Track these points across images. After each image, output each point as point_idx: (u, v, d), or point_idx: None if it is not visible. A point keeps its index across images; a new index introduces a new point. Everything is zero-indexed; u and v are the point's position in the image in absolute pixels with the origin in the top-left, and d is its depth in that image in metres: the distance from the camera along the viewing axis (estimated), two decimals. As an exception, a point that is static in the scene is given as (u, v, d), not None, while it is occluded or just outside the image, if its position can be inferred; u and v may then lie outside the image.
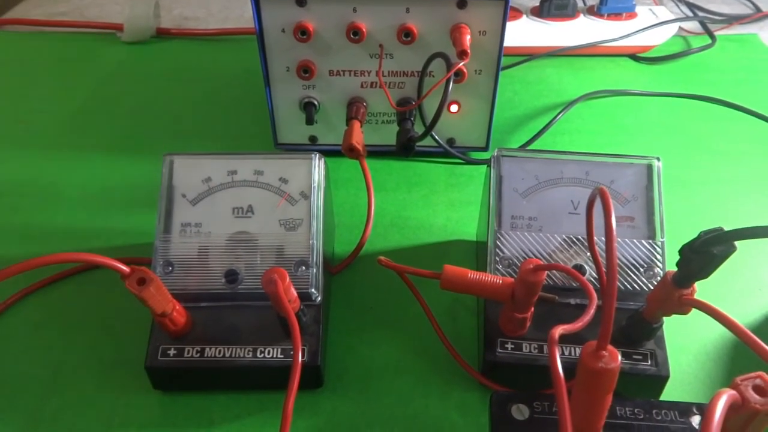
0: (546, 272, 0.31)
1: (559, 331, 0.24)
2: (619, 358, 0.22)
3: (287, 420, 0.28)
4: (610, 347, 0.22)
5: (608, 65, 0.70)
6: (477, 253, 0.46)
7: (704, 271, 0.28)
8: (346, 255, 0.46)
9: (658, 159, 0.38)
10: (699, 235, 0.28)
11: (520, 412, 0.29)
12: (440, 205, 0.51)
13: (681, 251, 0.28)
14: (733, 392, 0.20)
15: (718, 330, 0.40)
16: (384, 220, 0.50)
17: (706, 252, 0.27)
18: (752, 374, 0.22)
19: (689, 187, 0.53)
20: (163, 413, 0.35)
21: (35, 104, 0.63)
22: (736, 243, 0.27)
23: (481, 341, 0.37)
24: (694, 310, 0.30)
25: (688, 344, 0.40)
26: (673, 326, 0.36)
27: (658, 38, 0.70)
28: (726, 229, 0.27)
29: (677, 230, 0.37)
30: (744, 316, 0.41)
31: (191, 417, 0.35)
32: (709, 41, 0.72)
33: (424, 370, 0.38)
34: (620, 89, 0.65)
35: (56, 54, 0.72)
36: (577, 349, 0.35)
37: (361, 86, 0.52)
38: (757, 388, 0.21)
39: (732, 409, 0.21)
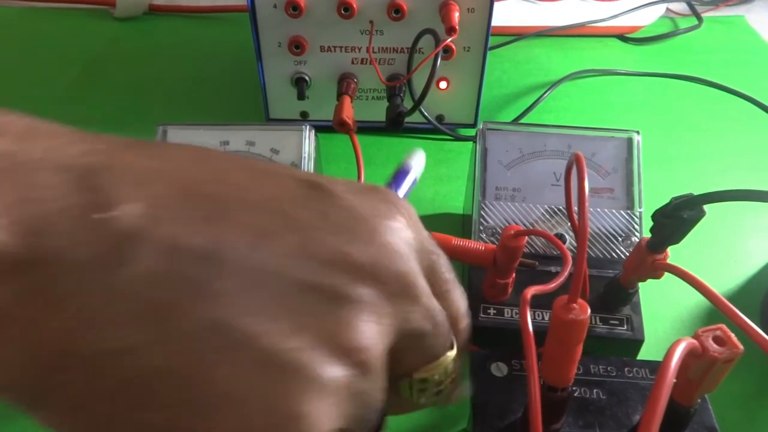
0: (526, 238, 0.33)
1: (531, 291, 0.26)
2: (588, 311, 0.23)
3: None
4: (580, 301, 0.23)
5: (596, 45, 0.71)
6: (463, 225, 0.47)
7: (676, 236, 0.29)
8: (336, 227, 0.47)
9: (638, 133, 0.40)
10: (670, 200, 0.29)
11: (499, 369, 0.31)
12: (428, 180, 0.53)
13: (653, 216, 0.29)
14: (692, 340, 0.22)
15: (693, 299, 0.42)
16: (373, 194, 0.51)
17: (677, 216, 0.28)
18: (713, 326, 0.23)
19: (672, 162, 0.54)
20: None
21: (28, 78, 0.64)
22: (705, 208, 0.28)
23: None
24: (669, 280, 0.31)
25: (663, 312, 0.41)
26: (649, 295, 0.38)
27: (646, 19, 0.71)
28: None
29: (658, 203, 0.38)
30: (718, 287, 0.43)
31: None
32: (696, 22, 0.73)
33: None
34: (607, 69, 0.66)
35: (49, 29, 0.72)
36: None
37: (352, 62, 0.53)
38: (716, 339, 0.23)
39: (693, 356, 0.23)
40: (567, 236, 0.38)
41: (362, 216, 0.19)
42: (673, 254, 0.32)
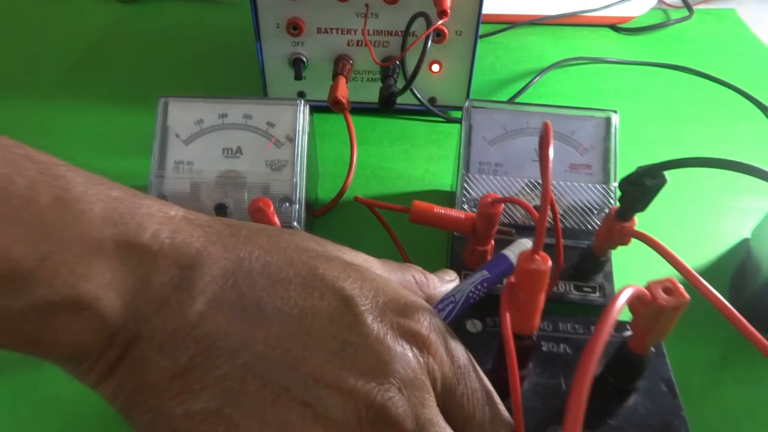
0: (502, 205, 0.35)
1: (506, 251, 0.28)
2: (549, 262, 0.25)
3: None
4: (542, 253, 0.25)
5: (589, 35, 0.73)
6: (450, 201, 0.49)
7: (641, 203, 0.31)
8: (329, 200, 0.49)
9: (615, 112, 0.42)
10: (636, 169, 0.31)
11: (474, 326, 0.33)
12: (419, 159, 0.55)
13: (620, 184, 0.31)
14: (640, 287, 0.24)
15: (665, 270, 0.44)
16: (366, 171, 0.53)
17: (641, 184, 0.30)
18: (664, 278, 0.25)
19: (656, 147, 0.56)
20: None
21: (33, 59, 0.66)
22: (667, 175, 0.30)
23: (448, 274, 0.40)
24: (641, 252, 0.33)
25: (635, 280, 0.43)
26: (622, 265, 0.40)
27: (638, 9, 0.73)
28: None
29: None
30: (691, 262, 0.45)
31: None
32: (687, 14, 0.75)
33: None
34: (597, 57, 0.68)
35: (55, 10, 0.74)
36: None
37: (348, 44, 0.55)
38: (666, 289, 0.25)
39: (643, 304, 0.25)
40: (545, 208, 0.40)
41: (378, 352, 0.21)
42: (653, 231, 0.33)
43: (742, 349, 0.39)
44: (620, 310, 0.22)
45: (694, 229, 0.48)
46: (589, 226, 0.40)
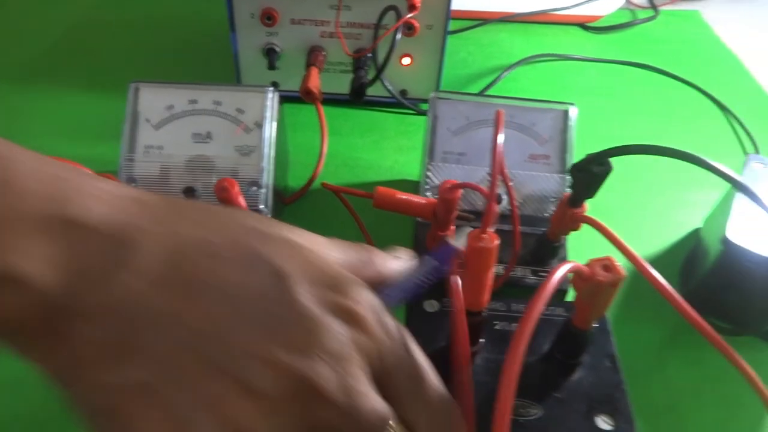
0: (461, 191, 0.36)
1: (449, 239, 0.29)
2: (496, 241, 0.26)
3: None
4: (490, 232, 0.26)
5: (558, 33, 0.75)
6: (417, 190, 0.51)
7: (589, 189, 0.33)
8: (299, 188, 0.50)
9: (573, 105, 0.43)
10: (585, 156, 0.33)
11: (431, 305, 0.34)
12: (389, 150, 0.56)
13: (569, 172, 0.33)
14: (577, 263, 0.25)
15: (619, 256, 0.46)
16: (336, 160, 0.54)
17: (588, 170, 0.32)
18: (604, 257, 0.27)
19: (618, 141, 0.57)
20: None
21: (8, 43, 0.66)
22: (630, 170, 0.32)
23: (411, 259, 0.42)
24: (597, 239, 0.34)
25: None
26: (577, 251, 0.42)
27: (606, 9, 0.75)
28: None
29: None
30: (644, 250, 0.47)
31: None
32: (653, 14, 0.77)
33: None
34: (565, 54, 0.70)
35: (30, -3, 0.74)
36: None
37: (321, 35, 0.56)
38: (604, 266, 0.27)
39: (582, 280, 0.26)
40: (503, 197, 0.42)
41: (309, 326, 0.22)
42: (612, 221, 0.35)
43: (687, 332, 0.41)
44: (557, 282, 0.23)
45: (651, 218, 0.50)
46: (546, 214, 0.42)
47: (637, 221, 0.50)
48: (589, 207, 0.36)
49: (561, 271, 0.23)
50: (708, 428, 0.37)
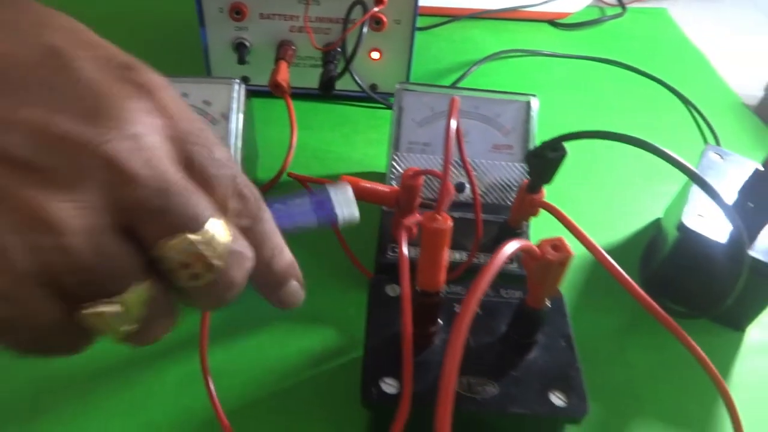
0: (423, 177, 0.37)
1: (406, 221, 0.30)
2: (450, 222, 0.27)
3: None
4: (443, 214, 0.27)
5: (528, 29, 0.76)
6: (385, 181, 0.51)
7: (545, 174, 0.34)
8: (269, 180, 0.51)
9: (535, 96, 0.44)
10: (541, 143, 0.33)
11: (393, 290, 0.35)
12: (359, 143, 0.57)
13: (525, 158, 0.34)
14: (526, 241, 0.26)
15: (583, 250, 0.47)
16: (306, 153, 0.54)
17: (543, 156, 0.33)
18: (554, 237, 0.28)
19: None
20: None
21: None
22: (567, 148, 0.33)
23: (377, 247, 0.42)
24: (558, 227, 0.35)
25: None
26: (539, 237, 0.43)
27: (575, 6, 0.77)
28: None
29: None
30: (605, 239, 0.48)
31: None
32: (621, 11, 0.79)
33: (326, 274, 0.43)
34: (534, 49, 0.71)
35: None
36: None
37: (290, 30, 0.56)
38: (554, 246, 0.27)
39: (533, 258, 0.27)
40: (466, 185, 0.43)
41: (94, 92, 0.19)
42: (576, 212, 0.35)
43: (646, 319, 0.42)
44: (505, 258, 0.24)
45: (615, 209, 0.51)
46: (509, 202, 0.42)
47: (602, 211, 0.51)
48: (561, 203, 0.36)
49: (510, 248, 0.24)
50: (664, 409, 0.38)
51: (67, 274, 0.18)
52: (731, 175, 0.44)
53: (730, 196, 0.42)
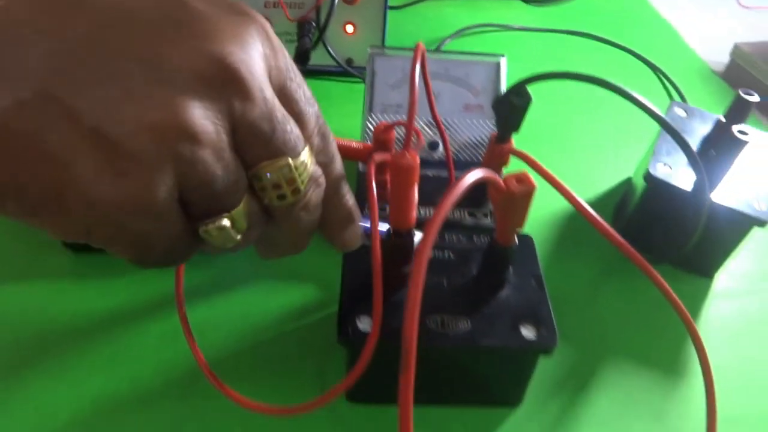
0: (394, 130, 0.38)
1: (376, 156, 0.31)
2: (417, 160, 0.28)
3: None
4: (411, 152, 0.28)
5: (501, 6, 0.77)
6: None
7: (512, 121, 0.35)
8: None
9: (503, 56, 0.46)
10: (506, 89, 0.34)
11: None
12: (336, 115, 0.57)
13: (492, 105, 0.35)
14: (491, 172, 0.27)
15: (554, 199, 0.48)
16: (284, 126, 0.55)
17: (509, 102, 0.34)
18: (518, 171, 0.29)
19: (556, 105, 0.61)
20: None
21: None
22: (531, 93, 0.34)
23: (354, 207, 0.43)
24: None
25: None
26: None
27: (546, -18, 0.78)
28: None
29: (535, 128, 0.44)
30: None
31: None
32: (591, -14, 0.80)
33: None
34: (506, 24, 0.72)
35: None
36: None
37: (265, 6, 0.57)
38: (518, 180, 0.28)
39: (497, 191, 0.28)
40: (440, 144, 0.44)
41: (213, 21, 0.20)
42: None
43: (618, 266, 0.44)
44: (467, 186, 0.25)
45: (586, 171, 0.53)
46: (481, 158, 0.43)
47: (575, 175, 0.52)
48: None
49: (473, 175, 0.25)
50: (634, 350, 0.39)
51: (198, 187, 0.20)
52: (695, 128, 0.45)
53: (694, 147, 0.43)
